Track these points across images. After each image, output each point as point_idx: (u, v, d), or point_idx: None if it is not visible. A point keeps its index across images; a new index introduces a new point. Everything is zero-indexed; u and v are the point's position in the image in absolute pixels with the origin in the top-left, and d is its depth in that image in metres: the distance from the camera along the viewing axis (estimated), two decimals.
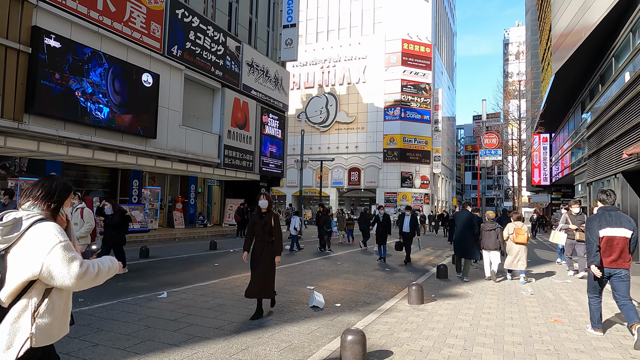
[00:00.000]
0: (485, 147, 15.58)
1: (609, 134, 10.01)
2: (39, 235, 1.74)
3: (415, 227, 10.55)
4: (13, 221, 1.75)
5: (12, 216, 1.77)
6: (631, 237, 4.33)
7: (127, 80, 13.65)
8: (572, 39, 19.65)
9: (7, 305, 1.72)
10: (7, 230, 1.73)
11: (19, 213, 1.80)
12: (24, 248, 1.73)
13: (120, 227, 8.12)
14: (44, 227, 1.76)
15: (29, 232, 1.75)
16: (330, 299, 6.32)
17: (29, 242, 1.73)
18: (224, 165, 18.56)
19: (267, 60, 21.92)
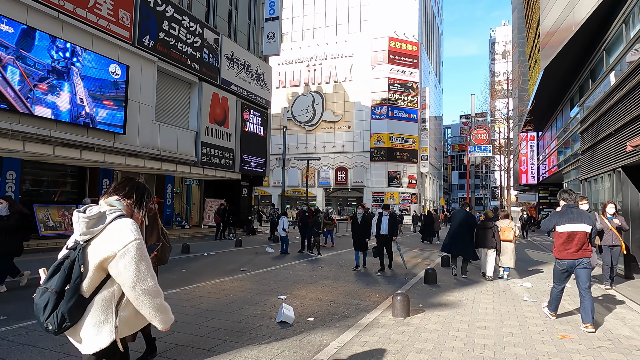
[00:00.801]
0: (475, 143, 14.93)
1: (606, 127, 9.40)
2: (118, 230, 1.82)
3: (394, 228, 9.24)
4: (97, 215, 1.84)
5: (97, 210, 1.86)
6: (591, 231, 4.77)
7: (92, 71, 12.63)
8: (560, 34, 19.20)
9: (88, 295, 1.81)
10: (92, 224, 1.82)
11: (103, 207, 1.89)
12: (103, 241, 1.82)
13: (17, 231, 6.35)
14: (123, 222, 1.85)
15: (110, 226, 1.84)
16: (302, 311, 5.49)
17: (108, 235, 1.82)
18: (202, 163, 17.59)
19: (248, 55, 21.01)
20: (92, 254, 1.81)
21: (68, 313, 1.76)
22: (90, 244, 1.83)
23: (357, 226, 9.37)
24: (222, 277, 8.16)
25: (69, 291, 1.77)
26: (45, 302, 1.77)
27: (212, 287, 7.04)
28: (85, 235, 1.82)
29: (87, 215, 1.82)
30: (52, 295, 1.76)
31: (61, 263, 1.84)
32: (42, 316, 1.78)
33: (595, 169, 10.21)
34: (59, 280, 1.78)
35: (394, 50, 44.62)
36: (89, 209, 1.86)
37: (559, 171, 25.94)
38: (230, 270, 9.04)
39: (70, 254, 1.84)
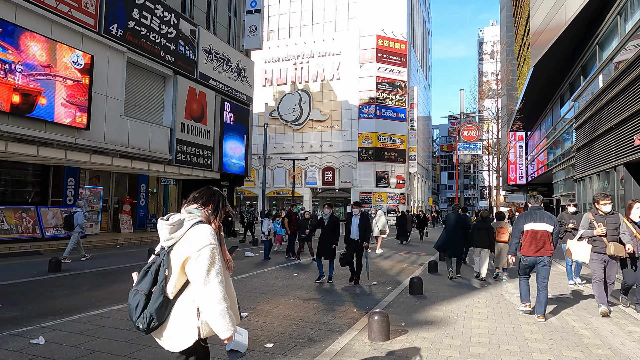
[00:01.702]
0: (464, 140, 14.16)
1: (604, 122, 8.70)
2: (196, 235, 1.99)
3: (367, 232, 7.59)
4: (178, 222, 2.03)
5: (178, 217, 2.06)
6: (553, 231, 5.26)
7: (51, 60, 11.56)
8: (551, 29, 18.62)
9: (172, 297, 1.99)
10: (174, 230, 2.01)
11: (183, 215, 2.09)
12: (183, 245, 1.99)
13: None
14: (201, 228, 2.02)
15: (189, 231, 2.01)
16: (262, 334, 4.60)
17: (188, 240, 1.99)
18: (177, 161, 16.56)
19: (228, 48, 20.02)
20: (174, 257, 1.97)
21: (155, 313, 1.91)
22: (173, 248, 2.00)
23: (322, 229, 7.85)
24: None
25: (155, 293, 1.93)
26: (136, 303, 1.94)
27: None
28: (168, 241, 2.00)
29: (169, 222, 2.00)
30: (141, 297, 1.93)
31: (149, 267, 2.01)
32: (134, 316, 1.95)
33: (592, 166, 9.51)
34: (147, 283, 1.96)
35: (382, 49, 43.97)
36: (171, 217, 2.06)
37: (548, 171, 25.46)
38: None
39: (156, 259, 2.01)
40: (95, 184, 16.87)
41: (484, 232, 8.21)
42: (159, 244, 2.09)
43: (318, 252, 7.94)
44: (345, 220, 7.86)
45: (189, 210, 2.13)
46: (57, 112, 11.76)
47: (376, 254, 14.22)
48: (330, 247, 7.70)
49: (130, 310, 1.96)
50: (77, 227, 10.04)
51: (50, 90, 11.62)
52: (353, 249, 7.68)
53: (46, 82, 11.52)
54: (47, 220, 13.36)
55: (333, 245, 7.72)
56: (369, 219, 7.94)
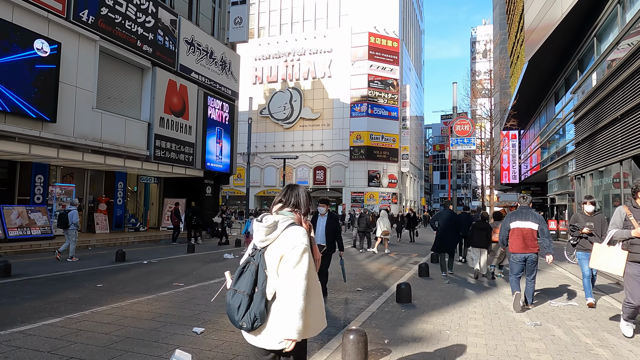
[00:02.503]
0: (457, 135, 13.46)
1: (609, 112, 8.02)
2: (290, 236, 2.07)
3: (336, 237, 6.10)
4: (273, 224, 2.10)
5: (272, 219, 2.12)
6: (538, 228, 5.53)
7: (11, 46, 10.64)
8: (546, 23, 18.02)
9: (271, 297, 2.03)
10: (269, 231, 2.09)
11: (276, 217, 2.16)
12: (278, 246, 2.08)
13: None
14: (295, 230, 2.10)
15: (284, 233, 2.09)
16: (214, 356, 3.80)
17: (282, 240, 2.07)
18: (156, 158, 15.67)
19: (211, 40, 19.15)
20: (269, 258, 2.06)
21: (259, 314, 1.98)
22: (267, 249, 2.09)
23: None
24: (142, 295, 6.39)
25: (258, 294, 2.00)
26: (238, 303, 2.00)
27: (112, 312, 5.27)
28: (263, 242, 2.10)
29: (265, 225, 2.10)
30: (243, 297, 2.00)
31: (244, 267, 2.09)
32: (236, 315, 2.00)
33: (595, 161, 8.83)
34: (248, 283, 2.02)
35: (374, 46, 43.30)
36: (265, 218, 2.15)
37: (543, 169, 24.91)
38: (159, 285, 7.26)
39: (251, 259, 2.11)
40: (70, 181, 15.92)
41: (483, 232, 8.26)
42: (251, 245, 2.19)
43: None
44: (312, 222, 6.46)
45: (282, 213, 2.22)
46: (19, 103, 10.84)
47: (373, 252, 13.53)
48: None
49: (232, 310, 2.01)
50: (73, 226, 10.13)
51: (11, 79, 10.69)
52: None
53: (5, 70, 10.60)
54: (11, 220, 12.41)
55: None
56: (339, 221, 6.29)
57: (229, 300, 2.04)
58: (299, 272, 1.99)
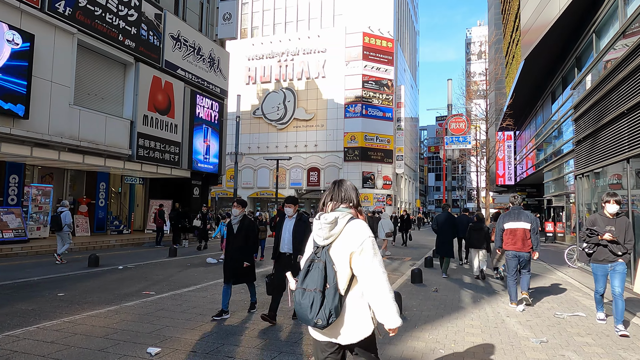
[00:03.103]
0: (452, 134, 12.91)
1: (613, 107, 7.50)
2: (355, 230, 2.08)
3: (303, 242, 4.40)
4: (334, 221, 2.10)
5: (333, 216, 2.11)
6: (530, 228, 5.90)
7: None
8: (543, 20, 17.59)
9: (343, 292, 2.06)
10: (332, 228, 2.09)
11: (335, 214, 2.13)
12: (344, 241, 2.08)
13: None
14: (357, 223, 2.11)
15: (346, 228, 2.10)
16: None
17: (348, 235, 2.07)
18: (139, 157, 15.01)
19: (199, 36, 18.53)
20: (335, 254, 2.06)
21: (334, 310, 1.97)
22: (332, 246, 2.09)
23: (231, 238, 5.27)
24: (103, 306, 5.76)
25: (330, 290, 1.99)
26: (311, 301, 1.98)
27: (61, 328, 4.64)
28: (327, 239, 2.09)
29: (327, 222, 2.09)
30: (316, 294, 1.98)
31: (310, 265, 2.08)
32: (309, 314, 1.99)
33: (600, 159, 8.30)
34: (318, 280, 2.01)
35: (369, 47, 42.83)
36: (325, 216, 2.10)
37: (539, 170, 24.48)
38: (126, 294, 6.62)
39: (315, 257, 2.09)
40: (49, 182, 15.23)
41: (479, 232, 8.38)
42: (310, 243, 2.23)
43: (225, 274, 5.29)
44: (276, 226, 5.28)
45: (339, 209, 2.20)
46: None
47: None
48: (241, 264, 5.19)
49: (304, 309, 2.00)
50: (66, 227, 10.09)
51: None
52: (283, 269, 4.81)
53: None
54: None
55: (245, 263, 5.21)
56: (309, 225, 4.69)
57: (298, 299, 2.04)
58: (377, 263, 2.03)
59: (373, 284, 1.99)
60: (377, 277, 1.99)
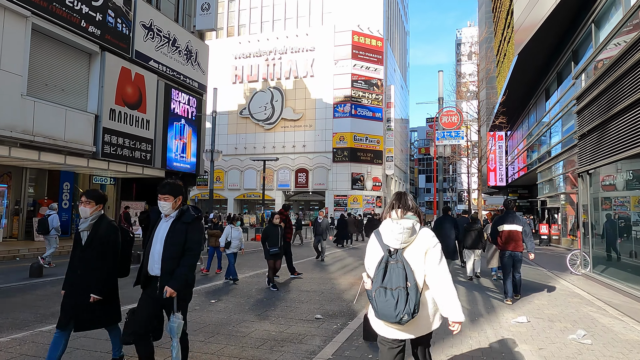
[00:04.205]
0: (444, 128, 11.95)
1: (627, 93, 6.56)
2: (427, 235, 2.42)
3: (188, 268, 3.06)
4: (411, 227, 2.37)
5: (410, 223, 2.38)
6: (522, 230, 6.48)
7: None
8: (536, 14, 16.76)
9: (421, 290, 2.32)
10: (411, 234, 2.37)
11: (410, 220, 2.41)
12: (420, 244, 2.39)
13: None
14: (427, 230, 2.45)
15: (420, 233, 2.42)
16: None
17: (422, 239, 2.40)
18: (105, 155, 13.77)
19: (175, 27, 17.35)
20: (410, 256, 2.33)
21: (417, 305, 2.22)
22: (407, 249, 2.37)
23: (77, 253, 3.45)
24: (16, 330, 4.59)
25: (412, 287, 2.24)
26: (397, 298, 2.21)
27: None
28: (405, 244, 2.37)
29: (407, 228, 2.36)
30: (401, 291, 2.22)
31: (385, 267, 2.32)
32: (394, 310, 2.22)
33: (608, 154, 7.35)
34: (400, 279, 2.25)
35: (358, 45, 41.96)
36: (403, 223, 2.38)
37: (531, 171, 23.70)
38: (55, 314, 5.46)
39: (389, 258, 2.33)
40: (6, 182, 13.93)
41: (475, 233, 8.45)
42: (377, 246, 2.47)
43: (61, 314, 3.36)
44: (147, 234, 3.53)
45: (408, 217, 2.48)
46: None
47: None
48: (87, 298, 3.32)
49: (389, 306, 2.21)
50: (53, 231, 9.99)
51: None
52: (153, 302, 3.11)
53: None
54: None
55: (93, 297, 3.32)
56: (201, 231, 3.31)
57: (380, 298, 2.24)
58: (444, 264, 2.35)
59: (441, 282, 2.29)
60: (445, 276, 2.31)
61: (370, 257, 2.43)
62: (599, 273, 8.49)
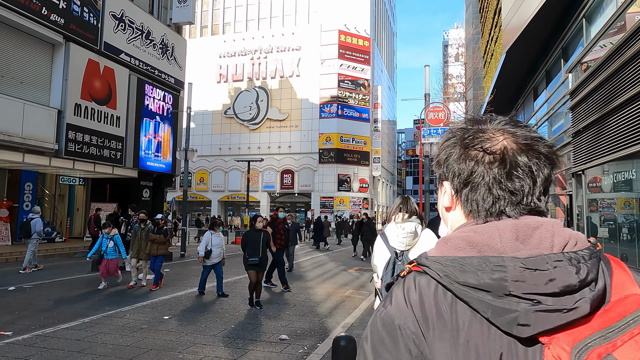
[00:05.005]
0: (430, 125, 11.32)
1: (628, 86, 5.97)
2: (430, 237, 2.60)
3: None
4: (414, 231, 2.57)
5: (412, 226, 2.59)
6: None
7: None
8: (525, 10, 16.30)
9: None
10: (414, 237, 2.58)
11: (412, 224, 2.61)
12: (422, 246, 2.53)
13: None
14: (428, 232, 2.64)
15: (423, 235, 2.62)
16: None
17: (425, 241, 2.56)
18: (69, 153, 12.79)
19: (149, 19, 16.44)
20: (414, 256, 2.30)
21: None
22: (411, 250, 2.53)
23: None
24: None
25: None
26: None
27: None
28: (409, 245, 2.56)
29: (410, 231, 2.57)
30: None
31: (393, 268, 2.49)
32: None
33: (606, 152, 6.76)
34: None
35: (345, 45, 41.35)
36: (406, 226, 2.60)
37: None
38: None
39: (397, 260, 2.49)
40: None
41: None
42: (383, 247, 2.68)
43: None
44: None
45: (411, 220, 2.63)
46: None
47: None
48: None
49: None
50: (35, 235, 9.79)
51: None
52: None
53: None
54: None
55: None
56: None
57: None
58: None
59: None
60: None
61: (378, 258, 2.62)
62: None
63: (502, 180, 0.64)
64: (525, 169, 0.64)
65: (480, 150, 0.66)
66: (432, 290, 0.60)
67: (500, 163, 0.64)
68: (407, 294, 0.62)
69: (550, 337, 0.53)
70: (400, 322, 0.60)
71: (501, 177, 0.64)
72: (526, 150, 0.65)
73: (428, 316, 0.58)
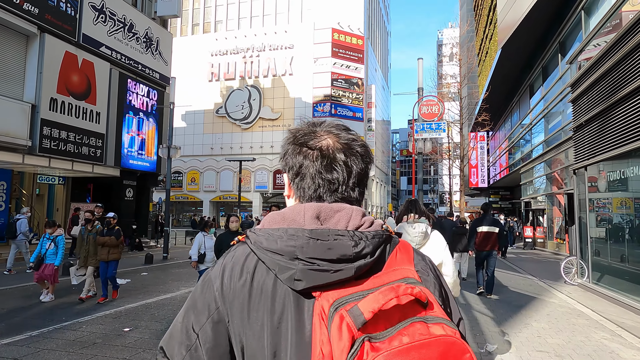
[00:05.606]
0: (424, 120, 10.79)
1: (635, 76, 5.45)
2: (437, 240, 2.73)
3: None
4: (424, 231, 2.70)
5: (423, 227, 2.71)
6: (499, 232, 7.38)
7: None
8: (520, 6, 15.85)
9: None
10: (423, 236, 2.69)
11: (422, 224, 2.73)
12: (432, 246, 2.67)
13: None
14: (436, 234, 2.78)
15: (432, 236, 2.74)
16: None
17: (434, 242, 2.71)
18: (44, 150, 12.12)
19: (132, 11, 15.78)
20: None
21: None
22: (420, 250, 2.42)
23: None
24: None
25: None
26: None
27: None
28: (418, 245, 2.64)
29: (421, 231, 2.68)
30: None
31: None
32: None
33: (611, 146, 6.24)
34: None
35: (338, 43, 40.83)
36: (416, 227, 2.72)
37: (515, 170, 22.89)
38: None
39: None
40: None
41: (463, 237, 8.55)
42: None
43: None
44: None
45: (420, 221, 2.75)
46: None
47: None
48: None
49: None
50: (21, 235, 9.69)
51: None
52: None
53: None
54: None
55: None
56: None
57: None
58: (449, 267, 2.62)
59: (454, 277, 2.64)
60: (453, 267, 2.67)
61: None
62: (599, 284, 7.40)
63: (323, 172, 0.77)
64: (341, 164, 0.77)
65: (308, 147, 0.78)
66: (245, 255, 0.75)
67: (322, 158, 0.77)
68: (226, 258, 0.77)
69: (321, 293, 0.67)
70: (212, 276, 0.76)
71: (322, 169, 0.77)
72: (345, 149, 0.79)
73: (233, 273, 0.73)
